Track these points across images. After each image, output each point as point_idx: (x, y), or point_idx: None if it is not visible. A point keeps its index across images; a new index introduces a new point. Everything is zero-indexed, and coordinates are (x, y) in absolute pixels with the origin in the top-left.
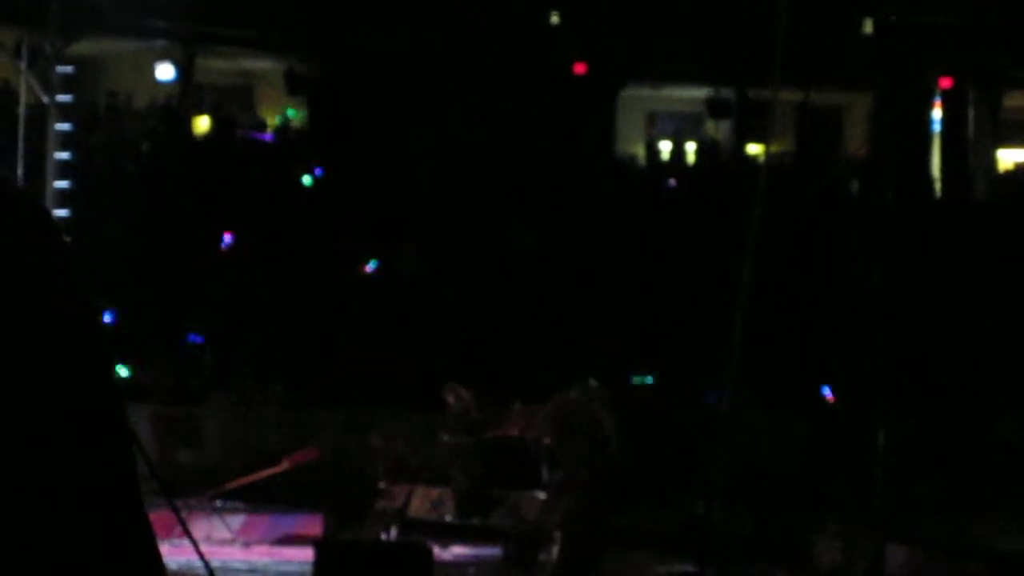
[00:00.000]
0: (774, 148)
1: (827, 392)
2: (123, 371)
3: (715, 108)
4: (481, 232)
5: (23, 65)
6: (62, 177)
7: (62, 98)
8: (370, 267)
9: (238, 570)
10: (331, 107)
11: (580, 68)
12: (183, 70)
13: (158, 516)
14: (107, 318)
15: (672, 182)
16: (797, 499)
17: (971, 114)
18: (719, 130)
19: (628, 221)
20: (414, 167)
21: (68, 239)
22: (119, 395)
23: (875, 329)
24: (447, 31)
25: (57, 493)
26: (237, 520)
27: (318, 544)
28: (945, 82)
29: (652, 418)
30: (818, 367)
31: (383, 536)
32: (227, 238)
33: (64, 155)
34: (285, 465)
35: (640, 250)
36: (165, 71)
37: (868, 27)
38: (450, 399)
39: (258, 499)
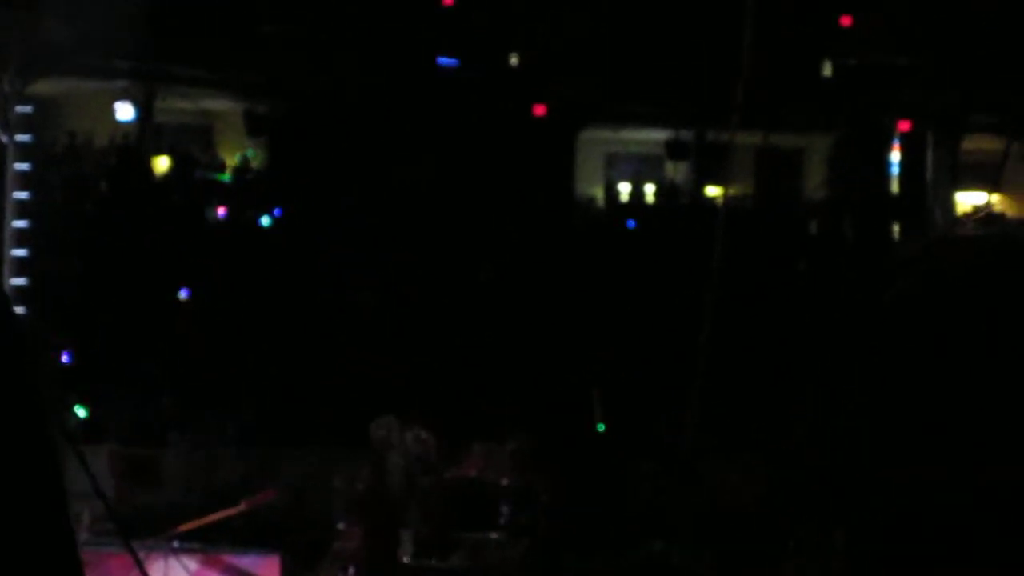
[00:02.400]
0: (734, 190)
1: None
2: (81, 411)
3: (674, 150)
4: (441, 272)
5: None
6: (20, 216)
7: (21, 138)
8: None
9: None
10: (292, 147)
11: (539, 110)
12: (143, 110)
13: (115, 558)
14: (64, 358)
15: (631, 223)
16: (758, 540)
17: (929, 157)
18: (678, 172)
19: (587, 263)
20: (375, 207)
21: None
22: (53, 449)
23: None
24: (407, 72)
25: None
26: (194, 561)
27: None
28: (904, 125)
29: (609, 458)
30: (779, 406)
31: None
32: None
33: (23, 195)
34: (243, 507)
35: (598, 291)
36: (125, 111)
37: (827, 70)
38: (408, 440)
39: (215, 540)
